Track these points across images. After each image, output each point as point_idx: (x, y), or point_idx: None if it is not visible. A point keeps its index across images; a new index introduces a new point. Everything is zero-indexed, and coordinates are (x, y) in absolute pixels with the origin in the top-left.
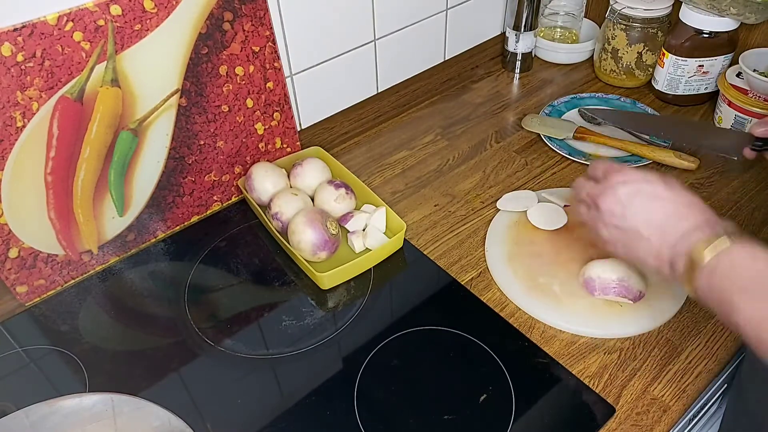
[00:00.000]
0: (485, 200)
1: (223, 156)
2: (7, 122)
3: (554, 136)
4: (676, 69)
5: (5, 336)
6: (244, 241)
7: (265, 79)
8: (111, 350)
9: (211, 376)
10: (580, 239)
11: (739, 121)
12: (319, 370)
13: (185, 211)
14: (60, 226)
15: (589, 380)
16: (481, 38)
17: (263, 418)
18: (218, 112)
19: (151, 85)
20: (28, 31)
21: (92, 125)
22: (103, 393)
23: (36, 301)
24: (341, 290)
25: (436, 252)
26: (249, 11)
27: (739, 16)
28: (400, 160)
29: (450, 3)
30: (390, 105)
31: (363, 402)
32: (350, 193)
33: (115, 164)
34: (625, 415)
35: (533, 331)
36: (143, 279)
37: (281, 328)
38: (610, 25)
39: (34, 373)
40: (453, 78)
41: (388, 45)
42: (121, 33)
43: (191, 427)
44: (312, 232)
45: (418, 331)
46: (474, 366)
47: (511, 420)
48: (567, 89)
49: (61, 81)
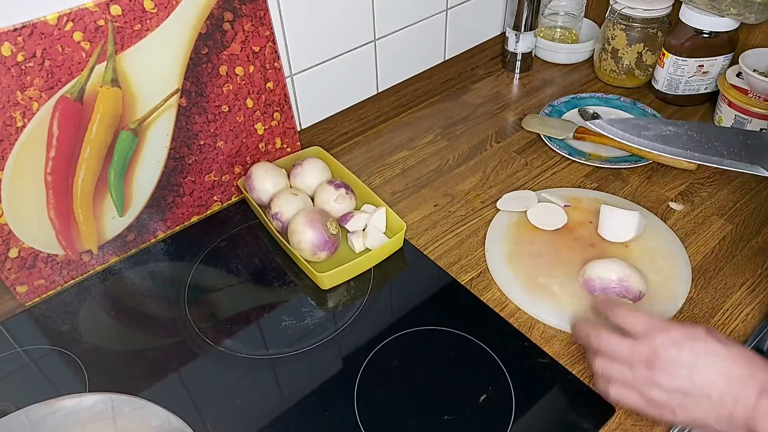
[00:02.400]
0: (485, 200)
1: (223, 156)
2: (7, 122)
3: (554, 136)
4: (676, 69)
5: (5, 336)
6: (244, 241)
7: (265, 79)
8: (111, 350)
9: (211, 376)
10: (580, 239)
11: (739, 121)
12: (319, 370)
13: (185, 211)
14: (60, 226)
15: (589, 380)
16: (481, 38)
17: (263, 418)
18: (218, 112)
19: (151, 85)
20: (28, 31)
21: (92, 125)
22: (103, 393)
23: (36, 301)
24: (341, 290)
25: (436, 252)
26: (249, 11)
27: (739, 16)
28: (400, 160)
29: (450, 3)
30: (390, 105)
31: (363, 402)
32: (350, 193)
33: (115, 164)
34: (625, 415)
35: (533, 331)
36: (143, 279)
37: (281, 328)
38: (610, 25)
39: (34, 373)
40: (453, 78)
41: (388, 45)
42: (121, 33)
43: (191, 427)
44: (312, 232)
45: (418, 331)
46: (474, 366)
47: (511, 420)
48: (567, 89)
49: (61, 81)
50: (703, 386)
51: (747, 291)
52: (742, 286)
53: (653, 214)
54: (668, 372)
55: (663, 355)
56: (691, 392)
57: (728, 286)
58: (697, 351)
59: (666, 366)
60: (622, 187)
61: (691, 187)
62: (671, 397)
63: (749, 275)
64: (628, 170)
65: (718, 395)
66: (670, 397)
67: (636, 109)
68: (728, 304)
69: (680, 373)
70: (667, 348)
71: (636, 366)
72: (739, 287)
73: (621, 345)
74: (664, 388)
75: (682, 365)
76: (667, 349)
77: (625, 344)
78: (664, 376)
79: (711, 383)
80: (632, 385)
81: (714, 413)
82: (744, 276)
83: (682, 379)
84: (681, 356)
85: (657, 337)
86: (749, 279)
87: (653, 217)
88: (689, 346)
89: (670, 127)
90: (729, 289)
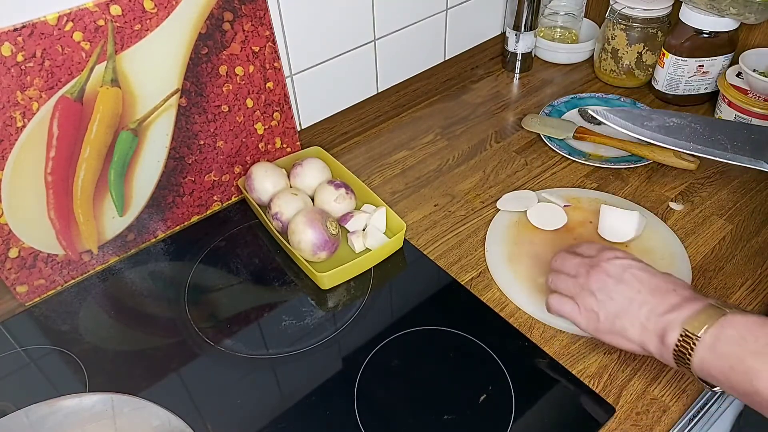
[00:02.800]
0: (485, 200)
1: (223, 156)
2: (7, 122)
3: (554, 136)
4: (676, 69)
5: (5, 336)
6: (244, 241)
7: (265, 79)
8: (111, 350)
9: (211, 376)
10: (580, 239)
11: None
12: (319, 370)
13: (185, 211)
14: (60, 226)
15: (589, 380)
16: (481, 38)
17: (263, 418)
18: (218, 112)
19: (151, 85)
20: (28, 31)
21: (92, 125)
22: (103, 393)
23: (36, 301)
24: (341, 290)
25: (436, 252)
26: (249, 11)
27: (739, 16)
28: (400, 160)
29: (450, 3)
30: (390, 105)
31: (363, 402)
32: (350, 193)
33: (115, 164)
34: (625, 415)
35: (533, 331)
36: (143, 279)
37: (281, 328)
38: (610, 25)
39: (34, 373)
40: (453, 78)
41: (388, 45)
42: (121, 33)
43: (191, 427)
44: (312, 232)
45: (418, 331)
46: (474, 366)
47: (511, 420)
48: (567, 89)
49: (61, 81)
50: (626, 294)
51: (747, 291)
52: (742, 286)
53: (653, 214)
54: (597, 280)
55: (602, 265)
56: (614, 298)
57: (728, 286)
58: (633, 265)
59: (600, 276)
60: (622, 187)
61: (691, 187)
62: (597, 304)
63: (749, 275)
64: (628, 170)
65: (639, 301)
66: (597, 304)
67: (636, 109)
68: None
69: (608, 282)
70: (607, 260)
71: (578, 277)
72: (739, 287)
73: (572, 260)
74: (594, 292)
75: (612, 275)
76: (607, 260)
77: (575, 260)
78: (595, 281)
79: (635, 291)
80: (571, 293)
81: (630, 317)
82: (744, 276)
83: (607, 288)
84: (615, 268)
85: (603, 253)
86: (749, 279)
87: (653, 217)
88: (627, 261)
89: (673, 119)
90: (729, 289)
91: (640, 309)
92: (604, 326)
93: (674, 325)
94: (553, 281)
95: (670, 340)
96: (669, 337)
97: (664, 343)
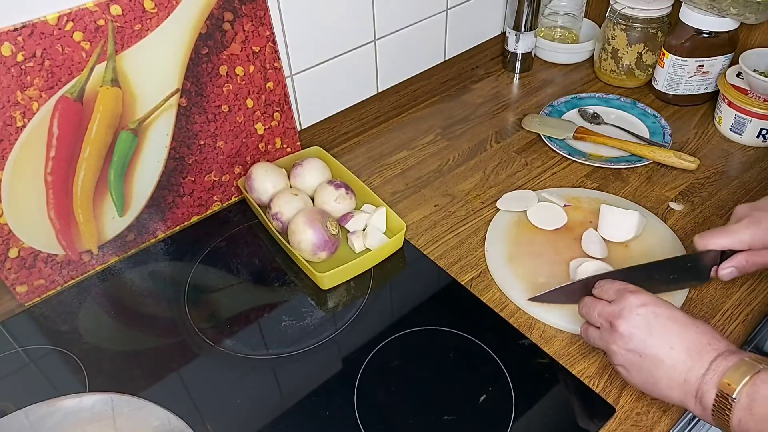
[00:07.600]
0: (485, 200)
1: (223, 156)
2: (7, 122)
3: (554, 136)
4: (676, 69)
5: (5, 336)
6: (244, 241)
7: (265, 79)
8: (111, 350)
9: (211, 376)
10: (580, 239)
11: (739, 121)
12: (318, 371)
13: (185, 211)
14: (60, 226)
15: (589, 380)
16: (481, 38)
17: (263, 418)
18: (218, 112)
19: (151, 85)
20: (28, 31)
21: (92, 125)
22: (103, 393)
23: (36, 301)
24: (341, 290)
25: (436, 252)
26: (249, 11)
27: (739, 16)
28: (400, 160)
29: (450, 3)
30: (390, 105)
31: (363, 402)
32: (350, 193)
33: (115, 164)
34: (625, 415)
35: (533, 331)
36: (143, 279)
37: (281, 329)
38: (610, 25)
39: (34, 373)
40: (453, 78)
41: (388, 45)
42: (121, 33)
43: (191, 427)
44: (312, 232)
45: (418, 331)
46: (474, 366)
47: (511, 420)
48: (567, 89)
49: (61, 81)
50: (658, 350)
51: (747, 291)
52: (742, 286)
53: (653, 214)
54: (626, 333)
55: (626, 315)
56: (645, 354)
57: (728, 286)
58: (659, 314)
59: (625, 327)
60: (622, 187)
61: (691, 187)
62: (626, 357)
63: (749, 275)
64: (628, 170)
65: (673, 361)
66: (626, 357)
67: (636, 109)
68: (728, 305)
69: (636, 335)
70: (632, 308)
71: (603, 330)
72: (739, 287)
73: (595, 308)
74: (621, 347)
75: (639, 327)
76: (631, 309)
77: (599, 306)
78: (620, 336)
79: (667, 348)
80: (605, 346)
81: (667, 378)
82: (744, 276)
83: (636, 340)
84: (641, 319)
85: (626, 298)
86: (749, 279)
87: (653, 217)
88: (652, 308)
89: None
90: (729, 289)
91: (676, 369)
92: (640, 381)
93: (710, 386)
94: (583, 332)
95: (707, 402)
96: (706, 399)
97: (703, 405)
